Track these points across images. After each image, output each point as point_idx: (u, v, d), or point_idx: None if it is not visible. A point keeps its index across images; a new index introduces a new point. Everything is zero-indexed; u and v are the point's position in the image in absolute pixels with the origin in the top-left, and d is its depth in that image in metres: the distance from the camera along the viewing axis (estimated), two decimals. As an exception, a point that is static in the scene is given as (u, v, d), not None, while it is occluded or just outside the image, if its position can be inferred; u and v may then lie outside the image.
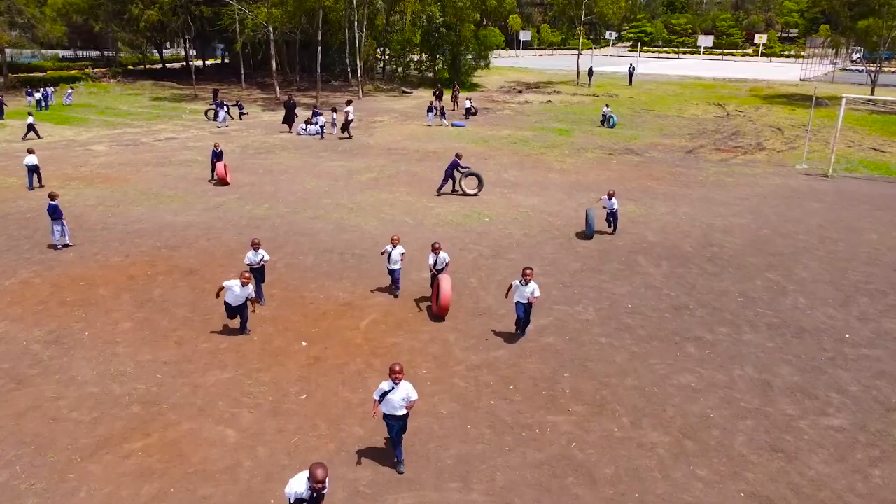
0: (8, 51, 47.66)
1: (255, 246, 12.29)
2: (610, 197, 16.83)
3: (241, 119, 36.49)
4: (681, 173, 25.00)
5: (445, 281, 11.75)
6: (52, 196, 15.29)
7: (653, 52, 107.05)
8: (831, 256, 15.92)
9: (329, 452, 8.31)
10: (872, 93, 47.86)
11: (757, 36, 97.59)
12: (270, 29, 44.19)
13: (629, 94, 51.80)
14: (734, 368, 10.58)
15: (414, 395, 7.86)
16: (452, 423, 9.01)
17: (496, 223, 18.06)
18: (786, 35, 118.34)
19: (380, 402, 7.82)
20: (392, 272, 12.97)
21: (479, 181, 21.01)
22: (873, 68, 49.73)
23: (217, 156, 21.74)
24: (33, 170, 20.53)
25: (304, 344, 11.13)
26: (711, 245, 16.55)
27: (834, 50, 57.01)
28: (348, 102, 34.41)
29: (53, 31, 45.53)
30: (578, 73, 59.04)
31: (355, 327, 11.76)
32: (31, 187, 20.59)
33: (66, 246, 15.37)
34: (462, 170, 20.74)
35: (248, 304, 11.13)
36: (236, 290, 10.76)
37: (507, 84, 57.56)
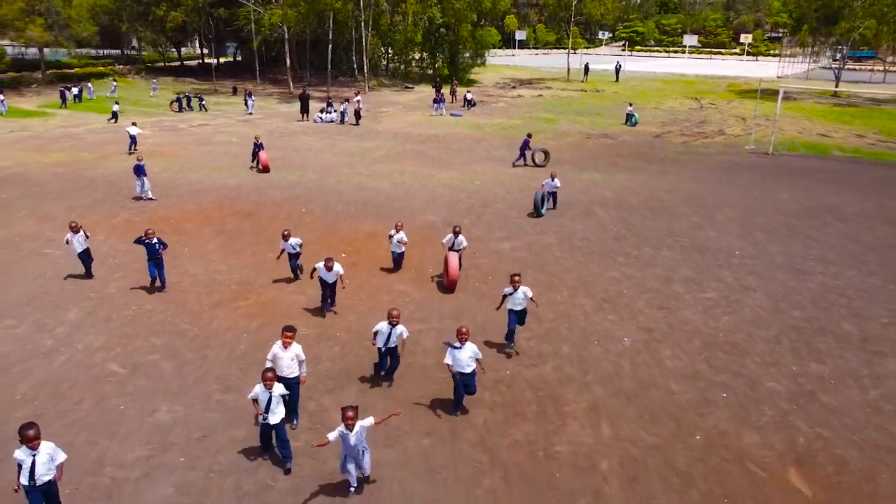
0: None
1: (286, 236, 13.56)
2: (552, 178, 19.54)
3: (204, 110, 40.46)
4: (644, 152, 29.39)
5: (453, 258, 14.00)
6: (139, 158, 19.73)
7: (645, 51, 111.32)
8: (747, 207, 20.32)
9: (369, 308, 12.69)
10: (837, 86, 52.36)
11: (742, 35, 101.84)
12: (285, 28, 48.56)
13: (615, 89, 56.12)
14: (648, 269, 14.99)
15: (479, 355, 9.19)
16: (449, 295, 13.41)
17: (486, 185, 22.46)
18: (776, 35, 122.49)
19: (452, 363, 9.03)
20: (395, 255, 14.54)
21: (546, 155, 26.08)
22: (836, 65, 54.09)
23: (258, 147, 24.92)
24: (133, 138, 25.92)
25: (343, 255, 15.51)
26: (654, 200, 20.96)
27: (804, 48, 61.32)
28: (356, 93, 38.96)
29: (85, 31, 49.81)
30: (569, 70, 63.41)
31: (379, 247, 16.14)
32: (130, 152, 25.80)
33: (150, 199, 19.74)
34: (532, 147, 25.87)
35: (340, 281, 12.36)
36: (324, 270, 12.14)
37: (503, 80, 61.86)
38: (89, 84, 44.97)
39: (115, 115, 34.75)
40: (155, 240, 13.14)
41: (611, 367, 10.71)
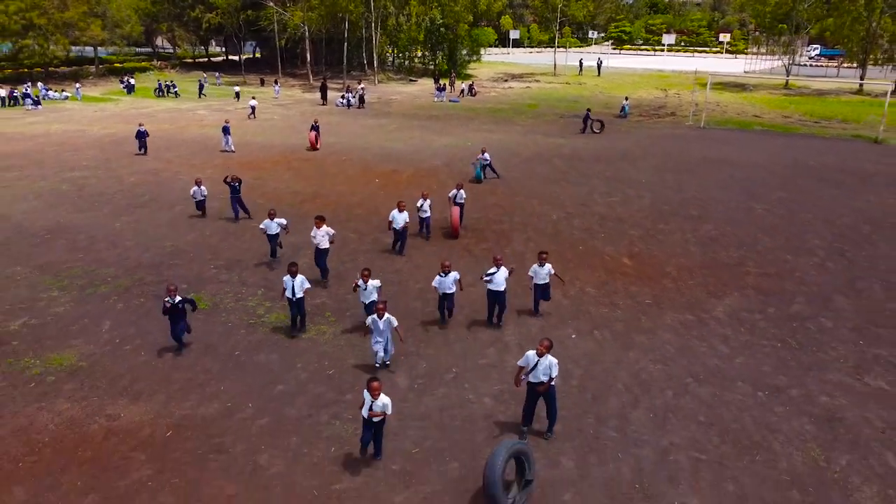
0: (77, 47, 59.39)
1: (271, 215, 14.88)
2: (483, 152, 23.88)
3: (176, 96, 48.04)
4: (605, 128, 36.99)
5: (455, 211, 17.47)
6: (226, 121, 27.40)
7: (633, 49, 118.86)
8: (665, 159, 27.94)
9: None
10: (788, 77, 59.99)
11: (722, 34, 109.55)
12: (306, 28, 56.20)
13: (595, 82, 63.67)
14: (579, 188, 22.63)
15: (508, 275, 11.73)
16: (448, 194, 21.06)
17: (476, 146, 30.06)
18: (762, 34, 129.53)
19: (487, 281, 11.68)
20: (421, 220, 16.93)
21: (602, 125, 34.47)
22: (788, 61, 61.69)
23: (315, 128, 30.84)
24: (253, 108, 35.50)
25: (376, 181, 23.16)
26: (600, 154, 28.63)
27: (758, 46, 68.90)
28: (359, 83, 46.82)
29: (134, 31, 57.48)
30: (555, 65, 71.06)
31: (401, 176, 23.78)
32: (250, 118, 35.12)
33: (231, 152, 27.37)
34: (592, 118, 34.35)
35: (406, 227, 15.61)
36: (397, 213, 15.45)
37: (496, 75, 69.48)
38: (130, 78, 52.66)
39: (238, 95, 45.62)
40: (235, 183, 18.57)
41: (542, 226, 18.38)
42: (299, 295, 11.42)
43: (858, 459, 8.57)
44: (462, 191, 17.79)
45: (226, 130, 27.32)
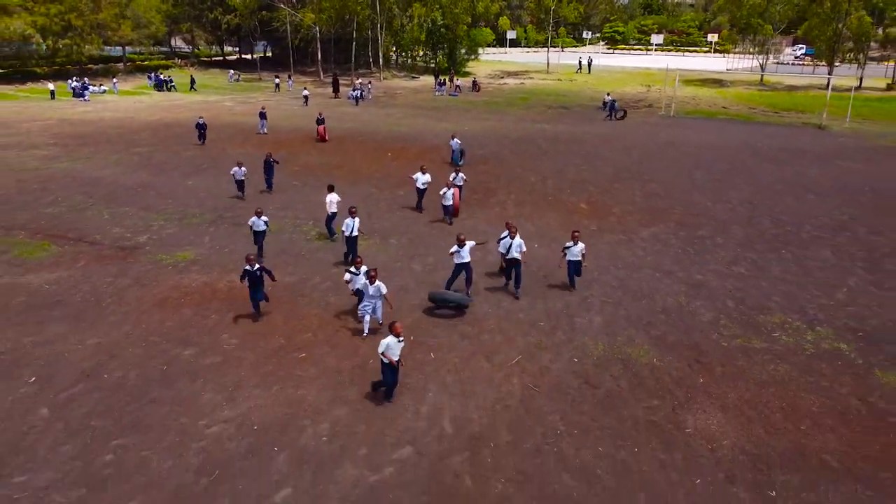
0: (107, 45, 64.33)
1: (258, 213, 15.38)
2: (453, 138, 27.07)
3: (172, 90, 53.02)
4: (586, 116, 41.95)
5: (456, 193, 23.23)
6: (262, 107, 32.34)
7: (626, 48, 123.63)
8: (634, 141, 32.83)
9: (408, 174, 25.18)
10: (762, 73, 64.85)
11: (710, 35, 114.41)
12: (318, 29, 61.11)
13: (585, 79, 68.57)
14: (558, 162, 27.50)
15: (524, 247, 13.32)
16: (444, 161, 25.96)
17: (471, 130, 35.03)
18: (738, 33, 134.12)
19: (499, 245, 13.69)
20: (445, 207, 18.96)
21: (625, 112, 39.83)
22: (761, 59, 66.59)
23: (320, 121, 37.22)
24: (306, 97, 40.77)
25: (389, 155, 28.07)
26: (579, 137, 33.54)
27: (734, 45, 73.72)
28: (357, 79, 51.79)
29: (160, 31, 62.43)
30: (548, 63, 75.98)
31: (408, 152, 28.69)
32: (305, 105, 40.44)
33: (265, 134, 32.28)
34: (617, 106, 40.21)
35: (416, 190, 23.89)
36: (420, 175, 19.75)
37: (493, 72, 74.36)
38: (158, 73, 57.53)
39: (277, 86, 52.48)
40: (271, 159, 24.04)
41: (521, 185, 23.30)
42: (355, 234, 14.77)
43: (708, 303, 13.48)
44: (461, 174, 20.53)
45: (262, 115, 32.28)
